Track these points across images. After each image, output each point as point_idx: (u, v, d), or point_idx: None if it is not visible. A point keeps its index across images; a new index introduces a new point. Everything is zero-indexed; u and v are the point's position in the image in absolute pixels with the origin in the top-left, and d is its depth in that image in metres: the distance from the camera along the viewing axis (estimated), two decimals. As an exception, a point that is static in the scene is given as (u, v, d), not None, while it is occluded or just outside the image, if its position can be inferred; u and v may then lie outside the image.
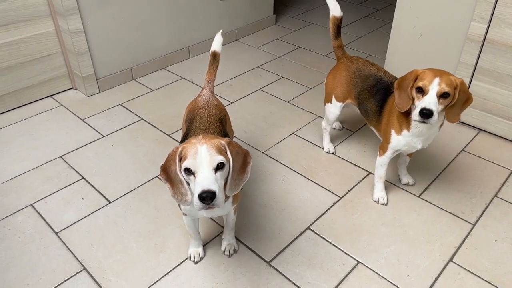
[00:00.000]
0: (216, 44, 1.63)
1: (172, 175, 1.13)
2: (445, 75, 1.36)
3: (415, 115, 1.38)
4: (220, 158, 1.07)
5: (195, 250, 1.48)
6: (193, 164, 1.06)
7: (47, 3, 2.18)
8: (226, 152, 1.11)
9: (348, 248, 1.52)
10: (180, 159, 1.10)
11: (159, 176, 1.85)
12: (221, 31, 1.66)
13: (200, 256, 1.48)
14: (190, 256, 1.48)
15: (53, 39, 2.28)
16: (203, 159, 1.06)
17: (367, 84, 1.69)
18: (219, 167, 1.07)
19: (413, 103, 1.42)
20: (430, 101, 1.34)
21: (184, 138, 1.36)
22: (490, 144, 2.03)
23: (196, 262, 1.47)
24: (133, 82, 2.57)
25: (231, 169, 1.12)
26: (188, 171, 1.08)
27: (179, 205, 1.44)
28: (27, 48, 2.20)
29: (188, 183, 1.12)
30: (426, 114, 1.34)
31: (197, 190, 1.04)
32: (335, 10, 1.76)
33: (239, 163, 1.15)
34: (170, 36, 2.70)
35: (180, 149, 1.11)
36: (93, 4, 2.25)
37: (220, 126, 1.41)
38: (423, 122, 1.37)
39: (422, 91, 1.37)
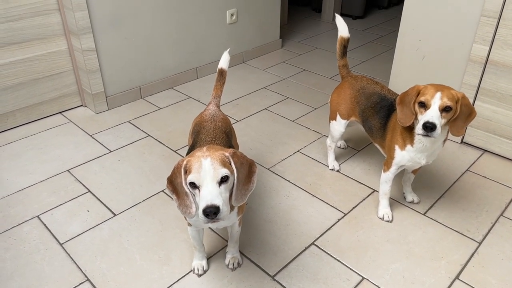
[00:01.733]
0: (223, 62, 1.68)
1: (178, 187, 1.14)
2: (446, 89, 1.38)
3: (418, 128, 1.40)
4: (224, 172, 1.08)
5: (199, 262, 1.47)
6: (197, 178, 1.08)
7: (61, 22, 2.26)
8: (230, 164, 1.12)
9: (353, 264, 1.50)
10: (186, 172, 1.12)
11: (164, 191, 1.86)
12: (228, 49, 1.71)
13: (204, 269, 1.47)
14: (194, 268, 1.47)
15: (66, 57, 2.35)
16: (207, 173, 1.07)
17: (371, 101, 1.72)
18: (223, 180, 1.08)
19: (416, 118, 1.44)
20: (432, 114, 1.37)
21: (190, 150, 1.39)
22: (495, 165, 2.04)
23: (199, 275, 1.46)
24: (142, 101, 2.62)
25: (235, 180, 1.13)
26: (193, 185, 1.09)
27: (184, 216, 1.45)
28: (40, 66, 2.27)
29: (193, 195, 1.13)
30: (429, 127, 1.36)
31: (201, 205, 1.05)
32: (343, 31, 1.82)
33: (244, 174, 1.16)
34: (179, 57, 2.77)
35: (185, 162, 1.13)
36: (106, 25, 2.33)
37: (226, 138, 1.44)
38: (427, 135, 1.38)
39: (424, 106, 1.39)
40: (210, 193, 1.05)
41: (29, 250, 1.55)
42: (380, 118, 1.67)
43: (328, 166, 2.02)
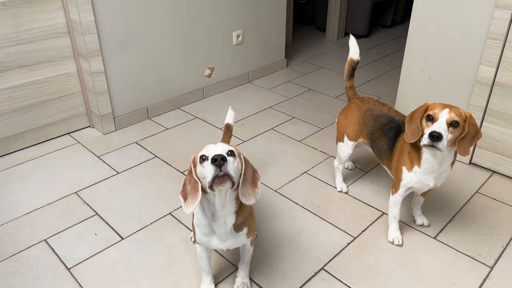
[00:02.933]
0: (229, 118, 1.73)
1: (191, 183, 1.19)
2: (455, 107, 1.40)
3: (424, 139, 1.39)
4: (232, 148, 1.17)
5: (207, 287, 1.46)
6: (207, 151, 1.15)
7: (71, 45, 2.29)
8: (239, 155, 1.19)
9: (363, 290, 1.48)
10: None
11: (172, 213, 1.85)
12: (231, 106, 1.76)
13: None
14: None
15: (75, 79, 2.37)
16: (217, 147, 1.16)
17: (379, 123, 1.72)
18: (230, 154, 1.15)
19: (422, 133, 1.44)
20: (439, 125, 1.37)
21: None
22: (504, 186, 2.02)
23: None
24: (149, 121, 2.64)
25: (243, 174, 1.18)
26: (203, 159, 1.15)
27: (193, 235, 1.45)
28: (49, 88, 2.30)
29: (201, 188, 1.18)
30: (435, 136, 1.35)
31: (209, 159, 1.12)
32: (354, 53, 1.83)
33: (250, 174, 1.21)
34: (186, 78, 2.79)
35: (198, 154, 1.20)
36: (115, 47, 2.36)
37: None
38: (432, 146, 1.37)
39: (432, 119, 1.40)
40: (218, 150, 1.13)
41: (37, 275, 1.54)
42: (388, 139, 1.67)
43: (336, 188, 2.01)
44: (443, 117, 1.38)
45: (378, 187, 2.02)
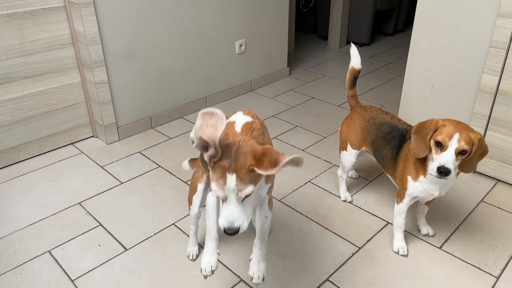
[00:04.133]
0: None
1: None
2: (465, 131, 1.37)
3: (432, 170, 1.39)
4: (249, 190, 1.01)
5: (210, 257, 1.24)
6: (219, 193, 1.03)
7: (75, 56, 2.31)
8: (259, 174, 1.02)
9: (369, 301, 1.47)
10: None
11: (175, 224, 1.85)
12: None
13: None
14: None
15: (79, 90, 2.39)
16: (231, 191, 1.01)
17: (382, 131, 1.72)
18: (247, 195, 1.02)
19: (430, 151, 1.43)
20: (448, 159, 1.35)
21: None
22: (509, 195, 2.01)
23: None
24: (152, 131, 2.64)
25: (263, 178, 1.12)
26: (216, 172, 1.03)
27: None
28: (53, 98, 2.31)
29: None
30: (443, 172, 1.35)
31: (221, 222, 1.03)
32: (356, 62, 1.83)
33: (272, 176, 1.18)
34: (189, 87, 2.80)
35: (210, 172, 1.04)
36: (119, 58, 2.37)
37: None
38: (439, 178, 1.38)
39: (440, 145, 1.38)
40: (232, 213, 1.02)
41: (41, 287, 1.53)
42: (391, 148, 1.67)
43: (340, 197, 2.00)
44: (453, 145, 1.35)
45: (382, 196, 2.02)
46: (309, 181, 2.14)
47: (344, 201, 1.98)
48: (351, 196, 2.00)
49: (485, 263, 1.63)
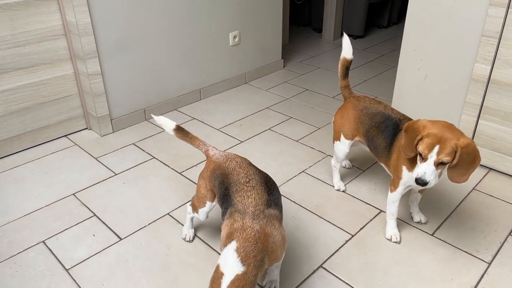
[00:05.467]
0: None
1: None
2: (449, 140, 1.34)
3: (413, 178, 1.43)
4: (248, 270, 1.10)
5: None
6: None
7: (67, 47, 2.29)
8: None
9: (362, 287, 1.49)
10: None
11: (170, 214, 1.85)
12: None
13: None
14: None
15: (71, 81, 2.38)
16: (229, 267, 1.10)
17: (375, 121, 1.72)
18: None
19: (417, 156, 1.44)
20: (426, 171, 1.37)
21: (225, 194, 1.33)
22: (501, 183, 2.03)
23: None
24: (146, 123, 2.64)
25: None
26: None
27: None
28: (46, 90, 2.30)
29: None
30: (421, 183, 1.38)
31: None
32: (347, 52, 1.83)
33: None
34: (183, 79, 2.80)
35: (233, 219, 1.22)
36: (112, 49, 2.36)
37: (256, 171, 1.38)
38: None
39: (421, 156, 1.40)
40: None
41: (35, 277, 1.54)
42: (385, 137, 1.68)
43: (333, 187, 2.01)
44: (432, 157, 1.36)
45: (375, 185, 2.03)
46: (303, 171, 2.15)
47: (337, 190, 1.99)
48: (345, 185, 2.02)
49: (477, 250, 1.65)
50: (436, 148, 1.35)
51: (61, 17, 2.22)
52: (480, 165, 2.15)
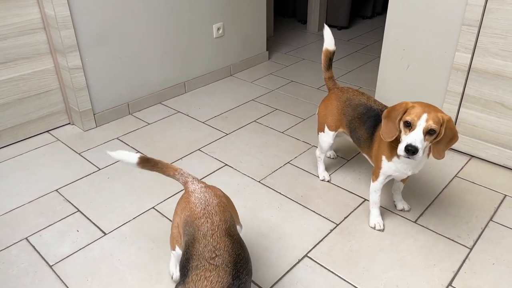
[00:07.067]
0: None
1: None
2: (433, 111, 1.38)
3: (400, 150, 1.41)
4: None
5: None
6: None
7: (47, 41, 2.25)
8: None
9: (346, 275, 1.50)
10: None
11: (155, 208, 1.84)
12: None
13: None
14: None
15: (52, 76, 2.33)
16: None
17: (358, 112, 1.73)
18: None
19: (400, 134, 1.45)
20: (416, 138, 1.37)
21: (184, 265, 1.10)
22: (482, 170, 2.06)
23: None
24: (130, 116, 2.61)
25: None
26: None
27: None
28: (26, 85, 2.25)
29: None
30: (411, 151, 1.37)
31: None
32: (329, 44, 1.84)
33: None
34: (167, 72, 2.77)
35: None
36: (92, 42, 2.33)
37: (229, 245, 1.13)
38: (408, 158, 1.40)
39: (409, 126, 1.40)
40: None
41: (18, 274, 1.52)
42: (367, 128, 1.69)
43: (318, 177, 2.02)
44: (421, 125, 1.37)
45: (359, 175, 2.05)
46: (288, 162, 2.15)
47: (322, 180, 2.01)
48: (329, 175, 2.03)
49: (459, 235, 1.68)
50: (425, 116, 1.37)
51: (39, 10, 2.18)
52: (462, 152, 2.18)
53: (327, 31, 1.83)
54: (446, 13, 1.99)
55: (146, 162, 1.32)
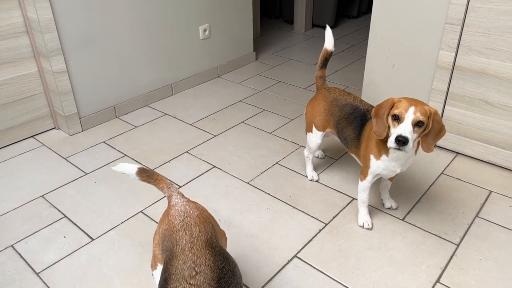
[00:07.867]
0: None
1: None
2: (420, 104, 1.41)
3: (390, 142, 1.42)
4: None
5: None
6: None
7: (30, 45, 2.22)
8: None
9: (336, 274, 1.51)
10: None
11: (143, 211, 1.83)
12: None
13: None
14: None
15: (36, 80, 2.30)
16: None
17: (344, 112, 1.74)
18: None
19: (389, 130, 1.46)
20: (405, 128, 1.39)
21: (163, 287, 1.02)
22: (468, 167, 2.09)
23: None
24: (116, 120, 2.59)
25: None
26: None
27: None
28: (9, 90, 2.22)
29: None
30: (401, 141, 1.38)
31: None
32: (329, 44, 1.86)
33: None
34: (153, 74, 2.75)
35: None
36: (77, 45, 2.30)
37: (211, 258, 1.05)
38: (398, 149, 1.41)
39: (398, 119, 1.41)
40: None
41: (4, 282, 1.49)
42: (353, 128, 1.70)
43: (307, 177, 2.03)
44: (409, 117, 1.39)
45: (347, 174, 2.06)
46: (277, 163, 2.15)
47: (311, 180, 2.01)
48: (318, 175, 2.04)
49: (446, 232, 1.69)
50: (412, 108, 1.39)
51: (22, 14, 2.14)
52: (448, 149, 2.21)
53: (328, 32, 1.86)
54: (429, 12, 2.01)
55: (144, 173, 1.30)
